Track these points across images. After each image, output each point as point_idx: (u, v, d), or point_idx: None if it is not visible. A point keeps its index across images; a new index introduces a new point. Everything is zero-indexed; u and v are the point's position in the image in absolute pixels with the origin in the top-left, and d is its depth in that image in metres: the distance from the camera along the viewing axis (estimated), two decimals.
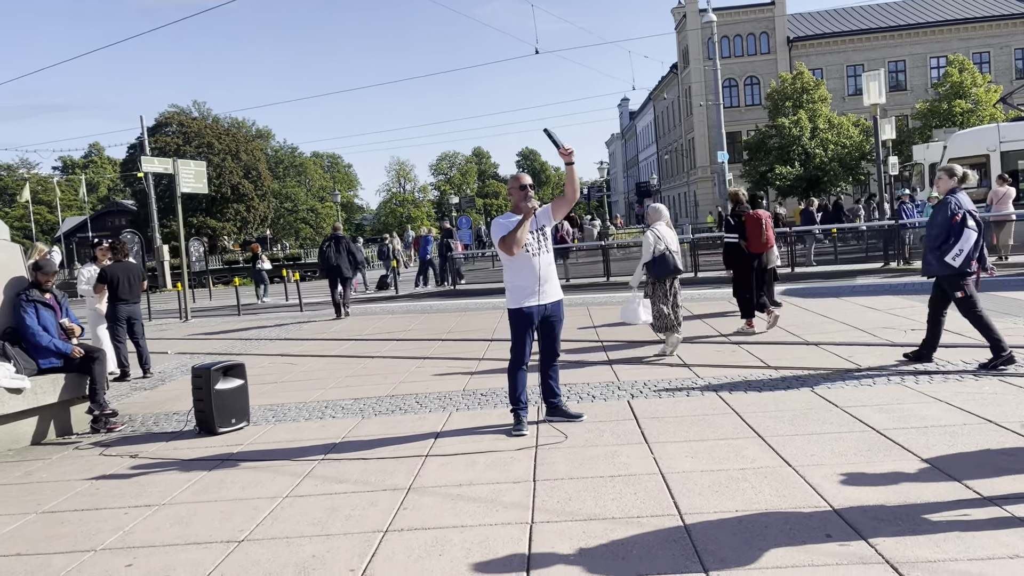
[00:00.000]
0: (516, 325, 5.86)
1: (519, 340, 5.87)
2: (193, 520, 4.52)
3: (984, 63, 50.38)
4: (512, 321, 5.88)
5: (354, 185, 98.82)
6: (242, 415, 6.82)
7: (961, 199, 6.85)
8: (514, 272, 5.80)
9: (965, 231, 6.71)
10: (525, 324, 5.81)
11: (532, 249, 5.74)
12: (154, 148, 46.08)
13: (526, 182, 5.81)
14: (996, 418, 5.29)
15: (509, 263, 5.83)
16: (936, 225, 6.99)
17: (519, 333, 5.86)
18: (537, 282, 5.74)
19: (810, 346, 8.59)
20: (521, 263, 5.75)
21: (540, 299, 5.76)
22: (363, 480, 5.01)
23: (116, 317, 9.84)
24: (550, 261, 5.88)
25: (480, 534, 3.96)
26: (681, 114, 61.88)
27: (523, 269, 5.75)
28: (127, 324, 9.97)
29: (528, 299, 5.75)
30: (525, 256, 5.73)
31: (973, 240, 6.74)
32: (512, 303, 5.83)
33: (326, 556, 3.85)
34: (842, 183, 41.47)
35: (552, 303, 5.85)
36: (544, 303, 5.79)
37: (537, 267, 5.75)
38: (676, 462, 4.89)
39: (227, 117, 71.39)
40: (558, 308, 5.93)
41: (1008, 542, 3.39)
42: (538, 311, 5.79)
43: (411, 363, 9.55)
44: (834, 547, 3.49)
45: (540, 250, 5.78)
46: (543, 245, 5.82)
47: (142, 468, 5.74)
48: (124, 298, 9.86)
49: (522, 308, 5.76)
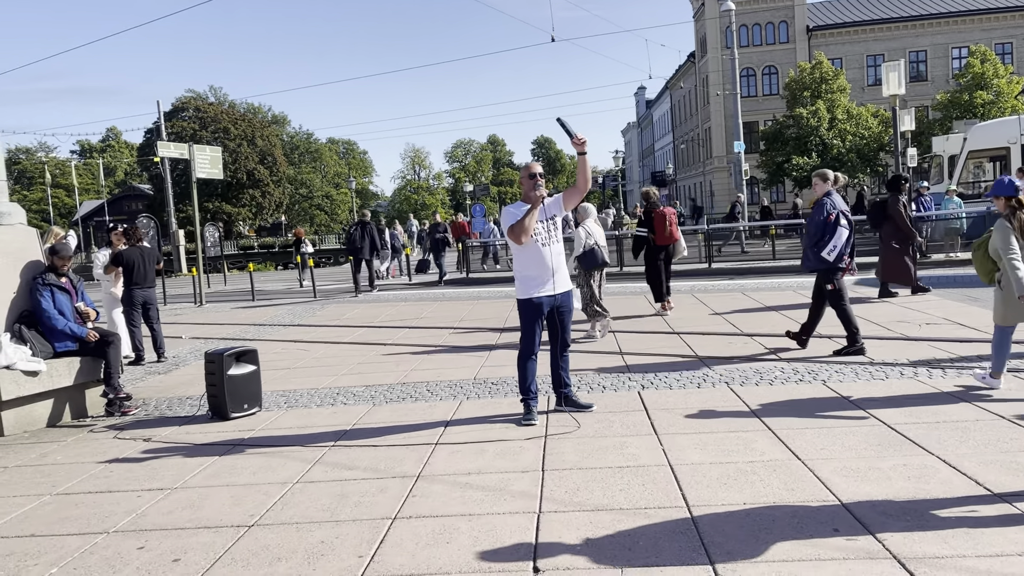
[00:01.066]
0: (526, 315, 5.84)
1: (529, 330, 5.86)
2: (204, 504, 4.57)
3: (1007, 54, 49.67)
4: (522, 311, 5.87)
5: (369, 172, 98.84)
6: (254, 400, 6.87)
7: (835, 200, 7.58)
8: (524, 262, 5.79)
9: (838, 229, 7.43)
10: (535, 314, 5.80)
11: (542, 239, 5.72)
12: (171, 133, 46.32)
13: (536, 171, 5.77)
14: (1008, 413, 5.25)
15: (519, 252, 5.81)
16: (813, 224, 7.72)
17: (529, 323, 5.84)
18: (547, 272, 5.73)
19: (823, 339, 8.54)
20: (531, 253, 5.73)
21: (550, 289, 5.75)
22: (373, 467, 5.04)
23: (131, 301, 9.92)
24: (560, 251, 5.86)
25: (488, 522, 3.98)
26: (698, 103, 61.48)
27: (533, 259, 5.73)
28: (142, 308, 10.04)
29: (538, 289, 5.73)
30: (535, 246, 5.71)
31: (845, 237, 7.46)
32: (522, 293, 5.82)
33: (335, 542, 3.88)
34: (860, 174, 41.09)
35: (562, 293, 5.83)
36: (554, 293, 5.78)
37: (547, 257, 5.73)
38: (685, 454, 4.89)
39: (243, 102, 71.57)
40: (568, 298, 5.92)
41: (1017, 539, 3.38)
42: (548, 301, 5.78)
43: (423, 350, 9.58)
44: (841, 541, 3.48)
45: (550, 240, 5.76)
46: (553, 235, 5.80)
47: (155, 452, 5.80)
48: (139, 283, 9.93)
49: (532, 298, 5.75)
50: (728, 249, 23.54)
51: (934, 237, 18.57)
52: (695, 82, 61.57)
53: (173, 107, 55.47)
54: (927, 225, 18.37)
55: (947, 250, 18.30)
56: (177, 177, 45.30)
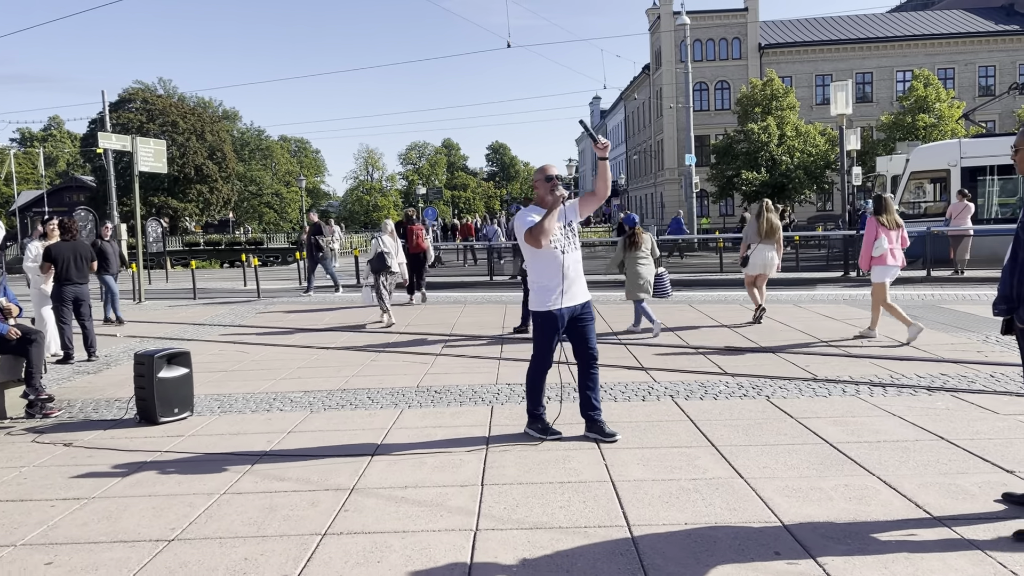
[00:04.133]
0: (541, 328, 5.41)
1: (544, 344, 5.43)
2: (123, 516, 4.32)
3: (949, 79, 51.31)
4: (537, 324, 5.44)
5: (321, 171, 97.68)
6: (185, 405, 6.59)
7: None
8: (539, 271, 5.36)
9: None
10: (552, 327, 5.36)
11: (560, 245, 5.32)
12: (116, 124, 45.03)
13: (552, 173, 5.36)
14: (947, 435, 5.28)
15: (534, 261, 5.38)
16: None
17: (544, 337, 5.42)
18: (566, 281, 5.32)
19: (768, 353, 8.58)
20: (547, 261, 5.31)
21: (570, 300, 5.36)
22: (305, 478, 4.84)
23: (62, 298, 9.51)
24: (578, 259, 5.46)
25: (422, 540, 3.82)
26: (651, 115, 62.12)
27: (549, 267, 5.31)
28: (74, 305, 9.64)
29: (556, 301, 5.31)
30: (552, 253, 5.29)
31: None
32: (538, 305, 5.36)
33: (259, 559, 3.68)
34: (806, 191, 41.92)
35: (581, 304, 5.45)
36: (574, 304, 5.40)
37: (565, 265, 5.31)
38: (627, 470, 4.79)
39: (193, 96, 70.25)
40: (588, 308, 5.52)
41: (957, 566, 3.34)
42: (567, 312, 5.38)
43: (366, 355, 9.36)
44: (782, 565, 3.41)
45: (568, 246, 5.37)
46: (571, 241, 5.41)
47: (75, 458, 5.50)
48: (71, 279, 9.53)
49: (551, 310, 5.32)
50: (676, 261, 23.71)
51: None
52: (649, 94, 62.23)
53: (120, 98, 54.13)
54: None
55: None
56: (122, 170, 44.08)
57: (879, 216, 9.07)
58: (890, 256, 8.99)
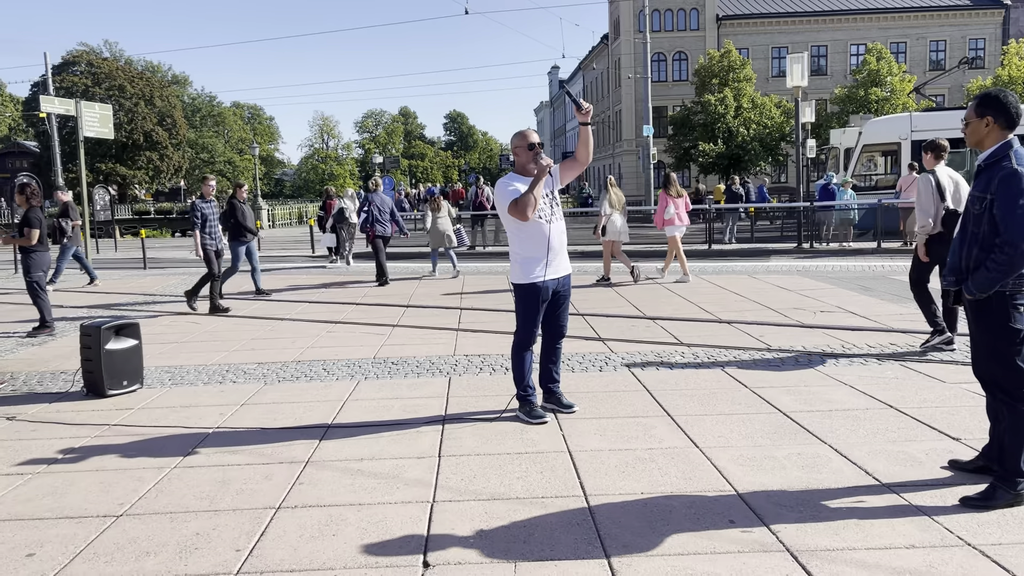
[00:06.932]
0: (525, 301, 5.25)
1: (528, 318, 5.27)
2: (69, 491, 4.20)
3: (901, 53, 51.98)
4: (520, 297, 5.27)
5: (275, 139, 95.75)
6: (135, 377, 6.44)
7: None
8: (522, 242, 5.17)
9: None
10: (536, 300, 5.20)
11: (545, 215, 5.16)
12: (60, 88, 43.50)
13: (534, 140, 5.17)
14: (896, 403, 5.39)
15: (517, 232, 5.18)
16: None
17: (528, 310, 5.25)
18: (551, 252, 5.17)
19: (723, 324, 8.67)
20: (532, 232, 5.12)
21: (553, 272, 5.21)
22: (259, 451, 4.77)
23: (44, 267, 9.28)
24: (562, 230, 5.30)
25: (378, 513, 3.79)
26: (610, 86, 61.98)
27: (533, 238, 5.13)
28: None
29: (540, 272, 5.14)
30: (537, 224, 5.10)
31: None
32: (520, 277, 5.19)
33: (211, 534, 3.61)
34: (762, 163, 42.36)
35: (564, 276, 5.34)
36: (557, 276, 5.27)
37: (549, 236, 5.14)
38: (584, 440, 4.81)
39: (141, 60, 68.00)
40: (568, 282, 5.41)
41: (905, 531, 3.42)
42: (552, 285, 5.25)
43: (321, 327, 9.24)
44: (736, 533, 3.45)
45: (553, 217, 5.21)
46: (555, 211, 5.26)
47: (19, 432, 5.35)
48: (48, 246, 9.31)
49: (535, 283, 5.15)
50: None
51: (837, 225, 19.31)
52: (607, 64, 62.02)
53: (64, 60, 52.22)
54: (834, 214, 19.16)
55: (841, 239, 19.03)
56: (66, 135, 42.67)
57: (667, 189, 12.56)
58: (677, 219, 12.45)
